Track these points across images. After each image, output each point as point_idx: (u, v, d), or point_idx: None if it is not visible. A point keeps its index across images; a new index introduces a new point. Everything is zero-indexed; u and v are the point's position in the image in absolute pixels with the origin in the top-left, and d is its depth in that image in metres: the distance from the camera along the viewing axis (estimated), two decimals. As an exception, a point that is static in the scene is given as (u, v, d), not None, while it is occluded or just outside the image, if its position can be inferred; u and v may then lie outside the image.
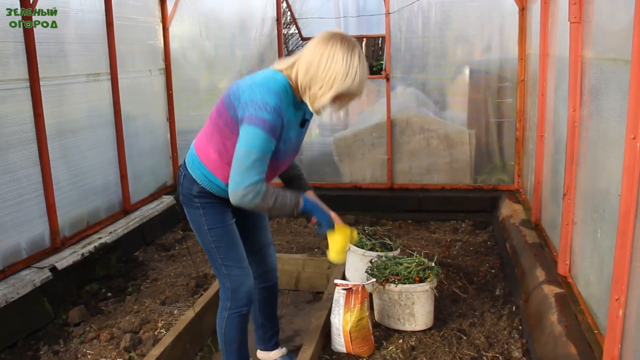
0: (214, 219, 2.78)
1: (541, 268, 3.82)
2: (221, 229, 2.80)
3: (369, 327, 3.42)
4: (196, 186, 2.75)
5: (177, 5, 6.48)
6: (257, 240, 3.13)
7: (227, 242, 2.82)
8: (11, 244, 4.25)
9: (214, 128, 2.65)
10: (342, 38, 2.43)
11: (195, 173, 2.74)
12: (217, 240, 2.80)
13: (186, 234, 5.93)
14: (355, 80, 2.41)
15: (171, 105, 6.69)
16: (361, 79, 2.44)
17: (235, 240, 2.85)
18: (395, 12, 6.03)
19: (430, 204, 6.14)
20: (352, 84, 2.42)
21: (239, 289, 2.86)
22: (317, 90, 2.43)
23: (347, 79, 2.39)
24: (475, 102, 6.12)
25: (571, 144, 3.48)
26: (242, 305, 2.88)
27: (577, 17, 3.37)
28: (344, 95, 2.48)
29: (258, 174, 2.42)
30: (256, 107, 2.41)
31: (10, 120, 4.25)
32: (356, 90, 2.46)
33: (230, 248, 2.82)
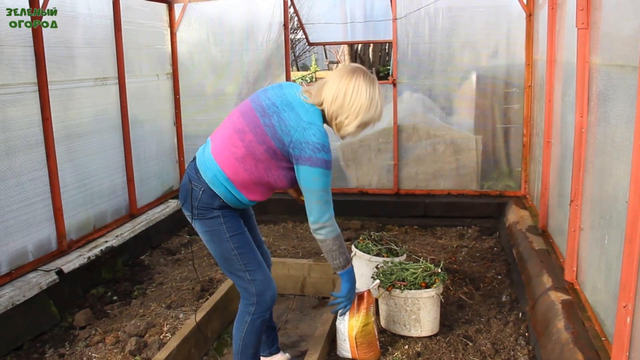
0: (234, 226, 2.86)
1: (548, 274, 3.81)
2: (241, 236, 2.88)
3: (374, 332, 3.41)
4: (218, 200, 2.82)
5: (185, 10, 6.51)
6: (258, 238, 3.26)
7: (248, 247, 2.90)
8: (18, 246, 4.26)
9: (247, 151, 2.73)
10: (364, 73, 2.73)
11: (219, 189, 2.80)
12: (239, 247, 2.86)
13: (192, 238, 5.94)
14: (377, 110, 2.74)
15: (178, 109, 6.71)
16: (381, 110, 2.77)
17: (254, 246, 2.96)
18: (402, 17, 6.04)
19: (437, 210, 6.13)
20: (375, 114, 2.74)
21: (265, 293, 2.90)
22: (344, 120, 2.71)
23: (371, 109, 2.71)
24: (482, 108, 6.11)
25: (578, 150, 3.47)
26: (266, 309, 2.94)
27: (584, 23, 3.37)
28: (366, 124, 2.76)
29: (331, 207, 2.78)
30: (314, 150, 2.64)
31: (18, 124, 4.28)
32: (377, 119, 2.78)
33: (252, 253, 2.90)
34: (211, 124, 2.66)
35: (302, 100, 2.75)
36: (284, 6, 6.36)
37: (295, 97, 2.77)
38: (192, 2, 6.48)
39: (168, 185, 6.56)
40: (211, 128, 3.09)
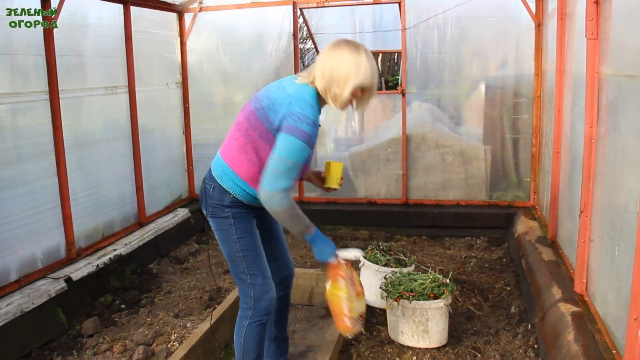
0: (243, 229, 2.86)
1: (557, 286, 3.78)
2: (249, 239, 2.89)
3: (341, 305, 3.05)
4: (228, 196, 2.83)
5: (195, 20, 6.55)
6: (276, 249, 3.21)
7: (254, 251, 2.90)
8: (27, 254, 4.28)
9: (245, 140, 2.77)
10: (347, 42, 2.70)
11: (227, 184, 2.83)
12: (245, 250, 2.87)
13: (201, 247, 5.95)
14: (366, 72, 2.65)
15: (187, 118, 6.74)
16: (372, 72, 2.68)
17: (261, 251, 2.95)
18: (411, 27, 6.05)
19: (445, 220, 6.11)
20: (365, 76, 2.66)
21: (262, 298, 2.91)
22: (336, 90, 2.68)
23: (359, 73, 2.64)
24: (491, 118, 6.10)
25: (588, 161, 3.45)
26: (263, 314, 2.94)
27: (594, 33, 3.36)
28: (362, 90, 2.71)
29: (289, 180, 2.64)
30: (296, 119, 2.62)
31: (29, 132, 4.31)
32: (370, 83, 2.69)
33: (257, 257, 2.90)
34: (220, 132, 2.68)
35: (294, 82, 2.80)
36: (294, 16, 6.38)
37: (288, 81, 2.84)
38: (202, 11, 6.52)
39: (177, 193, 6.58)
40: (220, 137, 3.12)
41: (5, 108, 4.12)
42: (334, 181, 3.04)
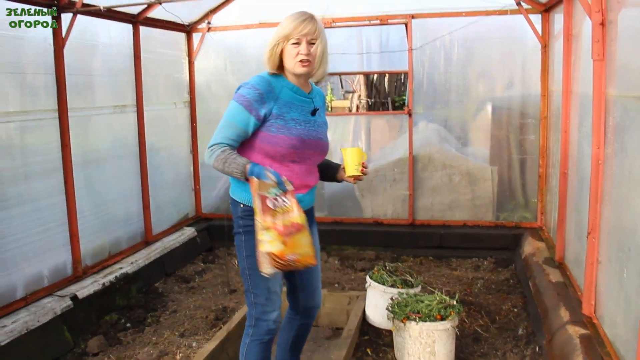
0: (252, 247, 2.76)
1: (565, 308, 3.75)
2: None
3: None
4: (239, 206, 2.82)
5: (203, 40, 6.61)
6: (305, 277, 3.07)
7: (259, 271, 2.80)
8: (34, 271, 4.29)
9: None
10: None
11: (236, 193, 2.82)
12: (251, 269, 2.81)
13: (207, 266, 5.94)
14: (286, 21, 2.69)
15: (195, 137, 6.78)
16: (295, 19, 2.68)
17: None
18: (417, 48, 6.09)
19: (452, 241, 6.09)
20: (284, 24, 2.69)
21: (262, 318, 2.88)
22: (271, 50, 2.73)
23: (279, 26, 2.71)
24: (498, 138, 6.10)
25: (595, 182, 3.44)
26: (264, 334, 2.90)
27: (600, 54, 3.37)
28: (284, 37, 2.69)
29: (222, 138, 2.67)
30: (239, 88, 2.74)
31: (38, 150, 4.35)
32: (289, 28, 2.67)
33: (262, 278, 2.79)
34: (227, 152, 2.69)
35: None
36: (301, 37, 6.41)
37: None
38: (210, 31, 6.58)
39: (183, 212, 6.59)
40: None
41: (15, 126, 4.16)
42: (351, 168, 2.86)
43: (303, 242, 2.55)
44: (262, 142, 2.72)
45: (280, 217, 2.53)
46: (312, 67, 2.73)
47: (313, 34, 2.69)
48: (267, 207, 2.53)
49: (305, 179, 2.83)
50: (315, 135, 2.82)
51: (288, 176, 2.68)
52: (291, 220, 2.53)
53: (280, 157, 2.73)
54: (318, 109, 2.88)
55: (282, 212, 2.54)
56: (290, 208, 2.54)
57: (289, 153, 2.72)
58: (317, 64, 2.75)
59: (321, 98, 2.97)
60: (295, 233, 2.53)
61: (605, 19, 3.36)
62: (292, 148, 2.71)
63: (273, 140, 2.70)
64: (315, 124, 2.84)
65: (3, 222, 4.03)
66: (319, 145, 2.85)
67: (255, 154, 2.74)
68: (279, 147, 2.70)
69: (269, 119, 2.71)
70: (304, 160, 2.80)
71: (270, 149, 2.71)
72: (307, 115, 2.82)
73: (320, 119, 2.90)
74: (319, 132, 2.85)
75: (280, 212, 2.54)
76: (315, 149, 2.84)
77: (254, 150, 2.75)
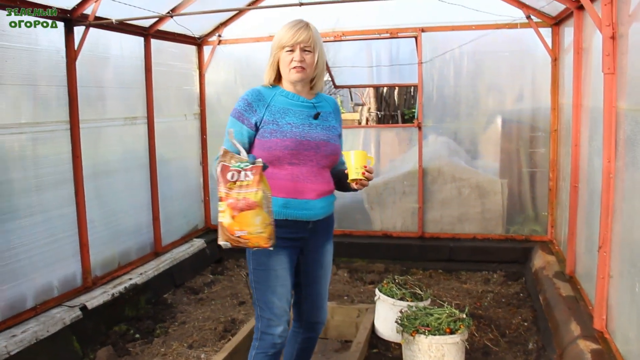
0: (258, 261, 2.79)
1: (576, 322, 3.72)
2: (264, 272, 2.79)
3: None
4: None
5: (214, 53, 6.65)
6: (312, 291, 3.03)
7: (266, 285, 2.80)
8: (44, 282, 4.31)
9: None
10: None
11: None
12: (257, 282, 2.81)
13: (216, 278, 5.94)
14: (281, 32, 2.72)
15: (205, 149, 6.80)
16: (288, 30, 2.70)
17: (276, 287, 2.80)
18: (427, 61, 6.10)
19: (462, 254, 6.06)
20: (279, 35, 2.73)
21: (267, 332, 2.85)
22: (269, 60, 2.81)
23: (276, 36, 2.74)
24: (508, 151, 6.09)
25: (606, 195, 3.43)
26: (268, 347, 2.86)
27: (610, 68, 3.37)
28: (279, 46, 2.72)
29: (225, 144, 2.71)
30: None
31: (49, 161, 4.38)
32: (285, 37, 2.70)
33: (268, 292, 2.80)
34: (237, 164, 2.69)
35: None
36: (311, 49, 6.43)
37: None
38: (220, 44, 6.63)
39: (193, 224, 6.61)
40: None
41: (27, 137, 4.19)
42: (352, 171, 2.71)
43: (254, 221, 2.45)
44: (258, 149, 2.73)
45: (235, 191, 2.48)
46: (305, 73, 2.73)
47: (307, 42, 2.69)
48: (225, 177, 2.51)
49: (311, 182, 2.76)
50: (316, 136, 2.77)
51: (288, 178, 2.71)
52: (245, 196, 2.46)
53: (277, 161, 2.70)
54: (320, 113, 2.84)
55: (239, 186, 2.48)
56: (249, 183, 2.47)
57: (285, 155, 2.70)
58: (312, 71, 2.75)
59: (330, 105, 2.95)
60: (246, 209, 2.45)
61: (616, 32, 3.36)
62: (286, 149, 2.69)
63: (267, 145, 2.70)
64: (317, 126, 2.80)
65: (14, 232, 4.05)
66: (320, 145, 2.78)
67: None
68: (273, 150, 2.69)
69: (261, 125, 2.73)
70: (304, 162, 2.74)
71: (266, 155, 2.69)
72: (306, 119, 2.79)
73: (326, 122, 2.85)
74: (321, 134, 2.79)
75: (237, 185, 2.49)
76: (317, 150, 2.76)
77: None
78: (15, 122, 4.09)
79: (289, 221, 2.74)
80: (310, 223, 2.81)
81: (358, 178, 2.70)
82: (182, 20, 5.54)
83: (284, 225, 2.72)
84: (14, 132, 4.08)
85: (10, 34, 4.02)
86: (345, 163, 2.76)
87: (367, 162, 2.73)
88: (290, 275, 2.85)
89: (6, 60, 4.00)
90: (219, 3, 5.59)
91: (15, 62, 4.08)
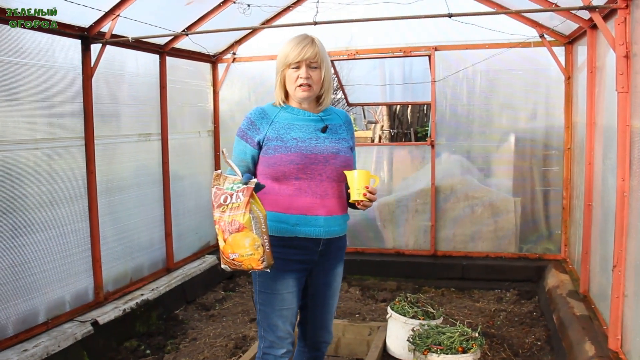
0: (264, 284, 2.74)
1: (590, 342, 3.67)
2: (268, 295, 2.74)
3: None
4: None
5: (228, 70, 6.71)
6: (317, 313, 2.97)
7: (271, 308, 2.75)
8: (56, 296, 4.33)
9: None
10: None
11: None
12: (262, 304, 2.77)
13: (227, 294, 5.94)
14: (285, 47, 2.70)
15: (218, 166, 6.83)
16: (293, 46, 2.67)
17: (282, 310, 2.75)
18: (440, 80, 6.11)
19: (474, 272, 6.02)
20: (283, 50, 2.70)
21: (269, 352, 2.80)
22: (276, 78, 2.78)
23: (281, 52, 2.72)
24: (521, 169, 6.07)
25: (621, 214, 3.40)
26: None
27: (624, 87, 3.36)
28: (285, 63, 2.70)
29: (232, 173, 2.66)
30: None
31: (63, 176, 4.42)
32: (290, 53, 2.66)
33: (273, 315, 2.75)
34: (249, 180, 2.70)
35: None
36: (324, 67, 6.47)
37: None
38: (235, 62, 6.68)
39: (205, 240, 6.62)
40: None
41: (42, 152, 4.24)
42: (353, 192, 2.65)
43: (243, 243, 2.45)
44: (263, 166, 2.70)
45: (227, 213, 2.49)
46: (312, 91, 2.68)
47: (313, 58, 2.64)
48: (217, 200, 2.53)
49: (320, 197, 2.68)
50: (324, 149, 2.70)
51: (296, 194, 2.65)
52: (234, 218, 2.47)
53: (283, 177, 2.65)
54: (328, 126, 2.77)
55: (230, 209, 2.49)
56: (239, 205, 2.47)
57: (290, 170, 2.63)
58: (318, 88, 2.71)
59: (340, 117, 2.87)
60: (235, 232, 2.46)
61: (630, 51, 3.36)
62: (292, 164, 2.63)
63: (271, 161, 2.65)
64: (326, 140, 2.73)
65: (28, 246, 4.08)
66: (329, 158, 2.70)
67: (264, 181, 2.68)
68: (279, 166, 2.64)
69: (264, 142, 2.69)
70: (312, 177, 2.67)
71: (271, 171, 2.65)
72: (313, 133, 2.72)
73: (336, 135, 2.78)
74: (330, 147, 2.72)
75: (228, 208, 2.49)
76: (326, 163, 2.69)
77: (260, 176, 2.73)
78: (31, 138, 4.14)
79: (298, 239, 2.68)
80: (321, 243, 2.73)
81: (360, 199, 2.63)
82: (197, 38, 5.60)
83: (294, 246, 2.68)
84: (30, 148, 4.13)
85: (28, 51, 4.09)
86: (348, 183, 2.69)
87: (371, 182, 2.66)
88: (297, 298, 2.78)
89: (24, 77, 4.06)
90: (234, 22, 5.65)
91: (32, 79, 4.14)
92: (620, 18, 3.42)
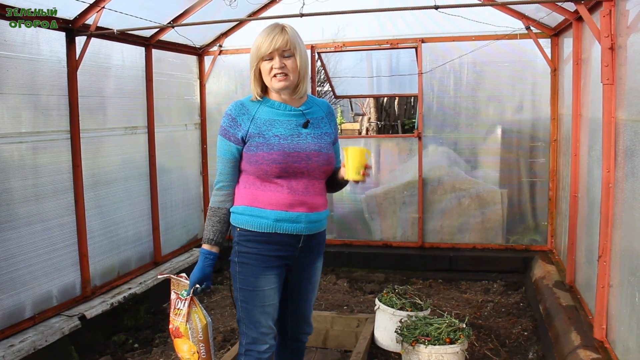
0: (246, 281, 2.72)
1: (576, 332, 3.71)
2: (250, 292, 2.72)
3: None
4: (236, 230, 2.73)
5: (215, 63, 6.68)
6: (298, 307, 2.96)
7: (253, 304, 2.73)
8: (43, 291, 4.30)
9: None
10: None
11: (234, 216, 2.73)
12: (243, 301, 2.74)
13: (215, 287, 5.93)
14: (258, 39, 2.65)
15: (205, 159, 6.81)
16: (265, 37, 2.62)
17: (262, 306, 2.73)
18: (427, 72, 6.12)
19: (462, 264, 6.06)
20: (256, 41, 2.65)
21: (251, 349, 2.77)
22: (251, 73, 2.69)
23: (255, 43, 2.66)
24: (508, 161, 6.10)
25: (606, 205, 3.43)
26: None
27: (609, 78, 3.38)
28: (259, 55, 2.63)
29: (218, 176, 2.76)
30: None
31: (49, 170, 4.38)
32: (262, 45, 2.61)
33: (255, 312, 2.73)
34: (237, 173, 2.70)
35: None
36: (311, 60, 6.47)
37: None
38: (221, 54, 6.65)
39: (193, 233, 6.60)
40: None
41: (27, 146, 4.20)
42: (352, 171, 2.60)
43: (182, 348, 2.72)
44: (246, 163, 2.66)
45: (175, 317, 2.75)
46: (289, 80, 2.62)
47: (285, 46, 2.58)
48: (174, 305, 2.79)
49: (302, 194, 2.66)
50: (306, 147, 2.65)
51: (278, 191, 2.63)
52: (175, 324, 2.73)
53: (265, 175, 2.62)
54: (310, 121, 2.72)
55: (176, 315, 2.75)
56: (182, 312, 2.72)
57: (272, 169, 2.59)
58: (295, 76, 2.63)
59: (322, 109, 2.82)
60: (176, 337, 2.73)
61: (615, 43, 3.38)
62: (274, 163, 2.59)
63: (254, 159, 2.62)
64: (307, 136, 2.68)
65: (13, 241, 4.05)
66: (312, 156, 2.65)
67: (246, 176, 2.68)
68: (260, 164, 2.60)
69: (247, 139, 2.65)
70: (294, 175, 2.63)
71: (254, 169, 2.63)
72: (295, 129, 2.67)
73: (318, 130, 2.73)
74: (312, 144, 2.67)
75: (176, 312, 2.76)
76: (308, 161, 2.65)
77: (243, 173, 2.71)
78: (16, 132, 4.10)
79: (279, 235, 2.66)
80: (302, 239, 2.71)
81: (358, 179, 2.61)
82: (183, 30, 5.56)
83: (274, 242, 2.67)
84: (14, 142, 4.09)
85: (12, 43, 4.05)
86: (344, 158, 2.64)
87: (365, 156, 2.62)
88: (278, 293, 2.77)
89: (7, 70, 4.02)
90: (220, 14, 5.62)
91: (16, 71, 4.09)
92: (605, 10, 3.44)
